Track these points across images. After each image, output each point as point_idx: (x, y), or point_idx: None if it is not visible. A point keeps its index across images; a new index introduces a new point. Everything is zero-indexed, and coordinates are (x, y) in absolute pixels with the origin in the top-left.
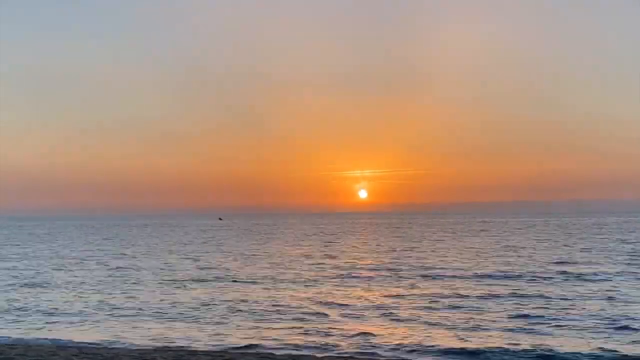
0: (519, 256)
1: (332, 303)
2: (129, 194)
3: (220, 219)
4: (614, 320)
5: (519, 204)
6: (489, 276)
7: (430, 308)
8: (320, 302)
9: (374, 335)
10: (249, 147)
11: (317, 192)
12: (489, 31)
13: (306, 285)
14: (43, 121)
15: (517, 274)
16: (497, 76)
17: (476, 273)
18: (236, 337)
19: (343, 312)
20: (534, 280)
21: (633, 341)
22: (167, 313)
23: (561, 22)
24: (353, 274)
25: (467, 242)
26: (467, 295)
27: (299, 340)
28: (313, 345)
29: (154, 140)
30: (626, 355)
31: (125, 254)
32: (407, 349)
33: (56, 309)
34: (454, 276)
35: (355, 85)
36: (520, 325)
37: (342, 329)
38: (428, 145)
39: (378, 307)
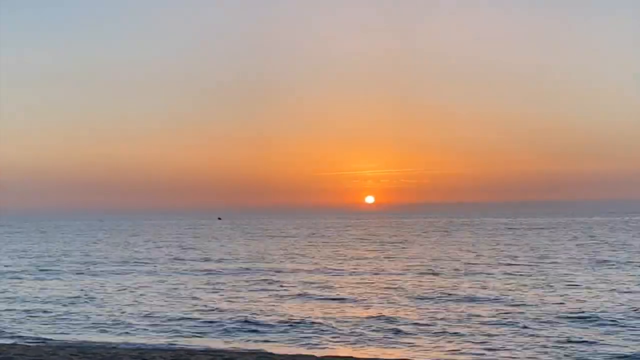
0: None
1: None
2: (123, 193)
3: (219, 218)
4: None
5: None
6: None
7: None
8: None
9: None
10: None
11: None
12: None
13: None
14: (43, 120)
15: None
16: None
17: None
18: None
19: None
20: None
21: None
22: None
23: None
24: None
25: None
26: None
27: None
28: None
29: (154, 140)
30: None
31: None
32: None
33: None
34: None
35: (365, 84)
36: None
37: None
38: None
39: None
